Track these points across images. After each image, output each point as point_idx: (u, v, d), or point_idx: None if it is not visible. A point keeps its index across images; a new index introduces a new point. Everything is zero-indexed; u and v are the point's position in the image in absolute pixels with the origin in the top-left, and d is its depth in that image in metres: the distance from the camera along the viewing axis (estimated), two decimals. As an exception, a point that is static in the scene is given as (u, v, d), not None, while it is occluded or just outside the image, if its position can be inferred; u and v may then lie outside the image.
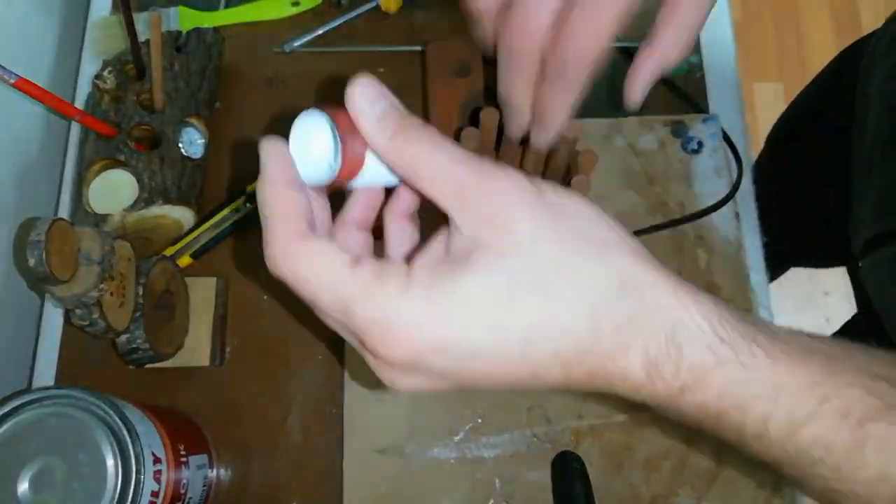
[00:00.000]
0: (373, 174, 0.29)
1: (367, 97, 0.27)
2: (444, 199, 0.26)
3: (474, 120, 0.42)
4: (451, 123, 0.49)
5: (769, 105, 1.53)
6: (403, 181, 0.28)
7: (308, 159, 0.29)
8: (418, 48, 0.63)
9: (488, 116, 0.40)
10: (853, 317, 0.78)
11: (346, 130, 0.28)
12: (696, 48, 0.63)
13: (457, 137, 0.47)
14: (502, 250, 0.25)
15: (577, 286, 0.25)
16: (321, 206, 0.30)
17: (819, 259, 0.91)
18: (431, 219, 0.28)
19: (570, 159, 0.41)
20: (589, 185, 0.38)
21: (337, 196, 0.31)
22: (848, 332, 0.79)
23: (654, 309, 0.25)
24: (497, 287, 0.25)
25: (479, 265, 0.25)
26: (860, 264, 0.56)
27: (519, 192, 0.26)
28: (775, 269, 0.77)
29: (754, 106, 1.52)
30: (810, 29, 1.61)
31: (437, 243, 0.27)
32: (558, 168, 0.43)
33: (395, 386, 0.28)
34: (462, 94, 0.49)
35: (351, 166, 0.28)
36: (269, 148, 0.28)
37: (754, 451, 0.26)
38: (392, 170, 0.28)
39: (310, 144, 0.29)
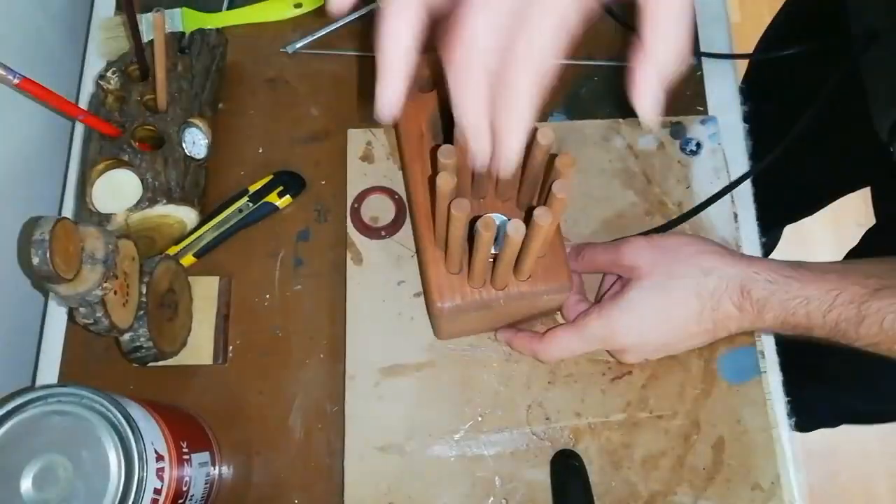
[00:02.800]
0: None
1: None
2: (607, 264, 0.52)
3: (448, 132, 0.42)
4: (421, 139, 0.48)
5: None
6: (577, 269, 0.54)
7: None
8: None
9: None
10: (872, 227, 0.82)
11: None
12: (696, 50, 0.64)
13: (433, 153, 0.47)
14: (641, 275, 0.48)
15: (681, 283, 0.47)
16: None
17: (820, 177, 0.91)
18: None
19: (547, 164, 0.42)
20: (569, 188, 0.38)
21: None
22: (868, 240, 0.84)
23: (728, 279, 0.46)
24: (648, 291, 0.48)
25: (635, 284, 0.48)
26: (892, 149, 0.59)
27: (639, 244, 0.49)
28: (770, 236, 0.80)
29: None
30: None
31: (615, 287, 0.52)
32: (535, 174, 0.43)
33: (631, 357, 0.52)
34: (430, 107, 0.49)
35: None
36: None
37: (816, 335, 0.44)
38: (575, 264, 0.53)
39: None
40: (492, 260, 0.44)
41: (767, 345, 0.55)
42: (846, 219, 1.41)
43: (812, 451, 1.31)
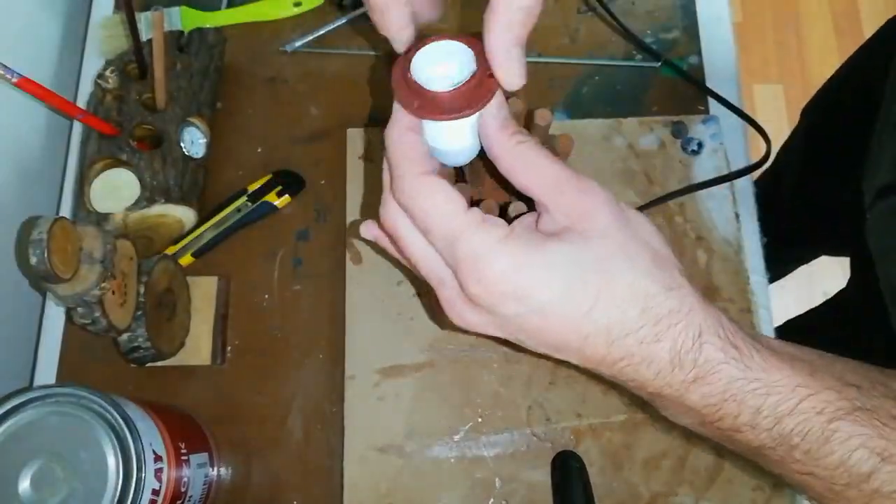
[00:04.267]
0: (471, 130, 0.33)
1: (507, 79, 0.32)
2: (541, 188, 0.32)
3: None
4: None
5: (769, 106, 1.53)
6: (506, 171, 0.33)
7: (438, 77, 0.32)
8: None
9: None
10: (843, 289, 0.78)
11: (483, 66, 0.31)
12: (697, 48, 0.64)
13: None
14: (585, 234, 0.31)
15: (636, 278, 0.31)
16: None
17: (826, 235, 0.90)
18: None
19: (546, 145, 0.41)
20: (551, 117, 0.38)
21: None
22: (838, 302, 0.78)
23: (689, 311, 0.31)
24: (576, 260, 0.31)
25: (566, 241, 0.31)
26: (868, 216, 0.55)
27: (604, 196, 0.32)
28: (776, 268, 0.78)
29: (754, 107, 1.52)
30: (810, 30, 1.61)
31: (529, 218, 0.34)
32: None
33: (461, 321, 0.34)
34: None
35: (478, 97, 0.31)
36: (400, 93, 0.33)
37: (746, 439, 0.32)
38: (498, 159, 0.33)
39: (444, 64, 0.33)
40: None
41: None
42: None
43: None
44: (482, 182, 0.47)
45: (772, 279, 0.59)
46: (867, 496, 0.30)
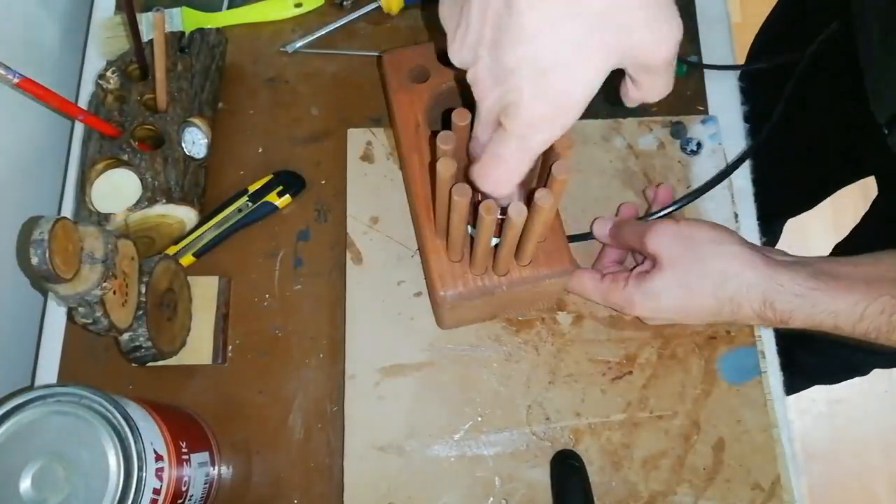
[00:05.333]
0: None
1: (600, 226, 0.55)
2: (636, 245, 0.51)
3: (445, 121, 0.42)
4: (417, 130, 0.48)
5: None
6: (612, 244, 0.55)
7: None
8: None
9: (460, 116, 0.40)
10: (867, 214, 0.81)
11: None
12: (696, 49, 0.64)
13: (432, 142, 0.47)
14: (663, 267, 0.49)
15: (701, 283, 0.47)
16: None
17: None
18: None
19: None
20: (569, 167, 0.38)
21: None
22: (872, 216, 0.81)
23: (749, 286, 0.46)
24: (669, 283, 0.48)
25: (657, 274, 0.49)
26: (888, 134, 0.57)
27: (664, 232, 0.49)
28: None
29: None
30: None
31: (640, 268, 0.52)
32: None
33: (647, 322, 0.54)
34: (424, 99, 0.49)
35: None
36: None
37: (838, 332, 0.45)
38: (610, 240, 0.55)
39: None
40: (493, 245, 0.44)
41: (768, 345, 0.55)
42: (845, 214, 1.41)
43: (812, 452, 1.31)
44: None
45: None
46: None
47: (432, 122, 0.50)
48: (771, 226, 0.67)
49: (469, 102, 0.37)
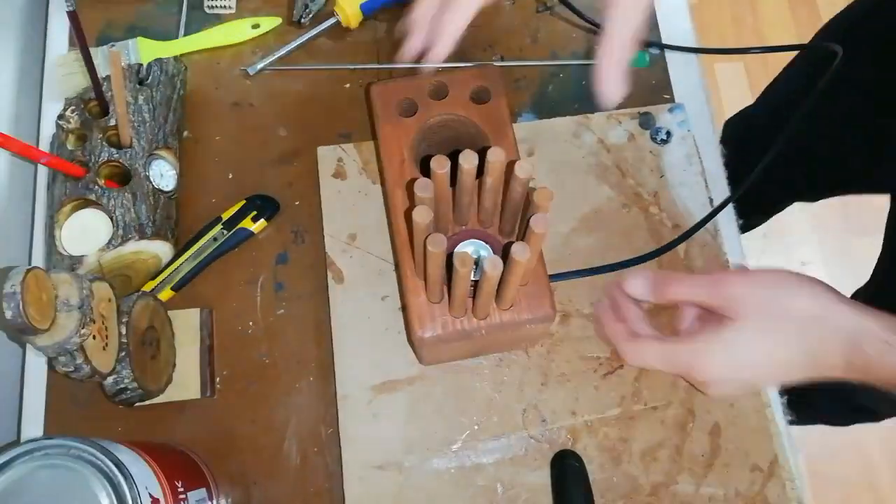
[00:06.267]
0: None
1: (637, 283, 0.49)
2: (701, 299, 0.46)
3: (426, 162, 0.41)
4: (402, 164, 0.48)
5: (731, 84, 1.55)
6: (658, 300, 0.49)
7: None
8: (381, 64, 0.63)
9: (438, 163, 0.39)
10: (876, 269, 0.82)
11: None
12: (657, 35, 0.64)
13: (410, 183, 0.46)
14: (740, 314, 0.44)
15: (785, 327, 0.43)
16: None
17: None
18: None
19: (526, 196, 0.42)
20: (546, 221, 0.38)
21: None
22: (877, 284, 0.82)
23: (835, 330, 0.42)
24: (748, 331, 0.44)
25: (733, 324, 0.44)
26: None
27: (739, 279, 0.45)
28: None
29: (717, 85, 1.54)
30: (765, 4, 1.63)
31: (711, 321, 0.46)
32: (516, 205, 0.43)
33: (713, 391, 0.47)
34: (410, 132, 0.48)
35: None
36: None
37: None
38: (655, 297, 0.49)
39: None
40: (472, 289, 0.43)
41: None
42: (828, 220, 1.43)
43: (807, 427, 1.32)
44: (467, 221, 0.47)
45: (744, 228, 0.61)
46: None
47: (418, 157, 0.49)
48: (748, 220, 0.65)
49: (458, 142, 0.37)
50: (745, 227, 0.60)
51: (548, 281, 0.46)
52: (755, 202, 0.59)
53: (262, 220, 0.58)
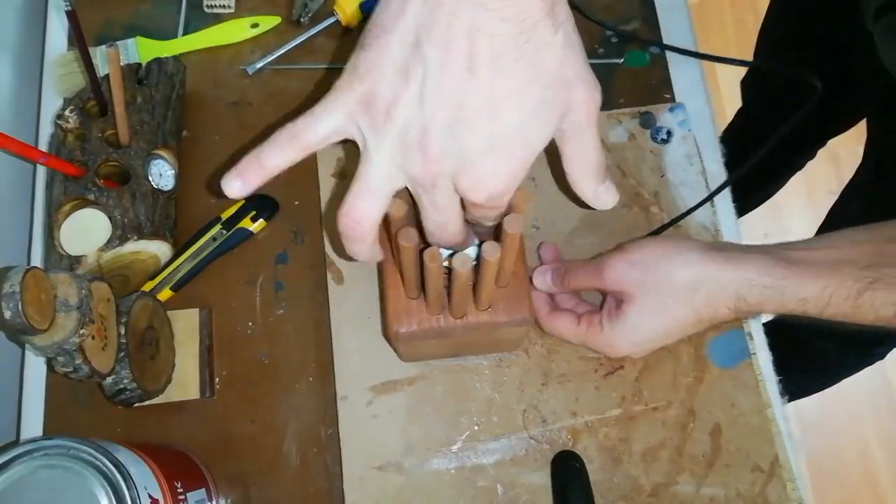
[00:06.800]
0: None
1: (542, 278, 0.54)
2: (595, 286, 0.51)
3: None
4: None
5: (733, 83, 1.54)
6: (562, 290, 0.53)
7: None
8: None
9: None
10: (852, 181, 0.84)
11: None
12: (658, 36, 0.64)
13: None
14: (631, 297, 0.48)
15: (674, 299, 0.47)
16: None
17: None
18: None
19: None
20: (522, 222, 0.38)
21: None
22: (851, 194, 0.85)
23: (721, 286, 0.46)
24: (644, 312, 0.48)
25: (629, 308, 0.48)
26: (874, 34, 0.59)
27: (618, 265, 0.48)
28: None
29: (719, 87, 1.53)
30: (765, 4, 1.63)
31: (606, 307, 0.51)
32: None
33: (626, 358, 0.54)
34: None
35: None
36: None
37: (807, 316, 0.45)
38: (560, 288, 0.53)
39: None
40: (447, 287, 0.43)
41: (755, 327, 0.55)
42: (818, 189, 1.43)
43: (806, 426, 1.32)
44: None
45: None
46: None
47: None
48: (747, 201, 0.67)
49: None
50: (742, 210, 0.60)
51: (528, 284, 0.45)
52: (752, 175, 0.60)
53: (262, 220, 0.58)
